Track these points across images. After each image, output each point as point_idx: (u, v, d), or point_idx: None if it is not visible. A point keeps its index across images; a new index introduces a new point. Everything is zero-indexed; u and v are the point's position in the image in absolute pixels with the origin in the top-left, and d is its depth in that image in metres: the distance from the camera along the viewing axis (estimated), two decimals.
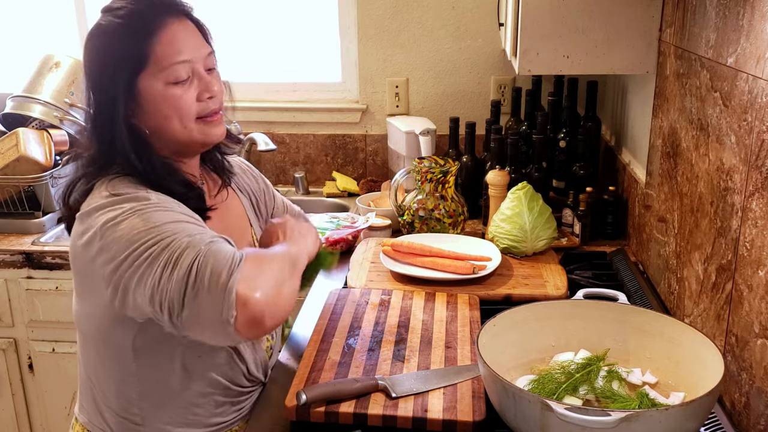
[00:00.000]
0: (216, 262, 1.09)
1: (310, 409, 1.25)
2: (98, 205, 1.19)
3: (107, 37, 1.23)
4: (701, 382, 1.13)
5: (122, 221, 1.15)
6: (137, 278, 1.12)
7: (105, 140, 1.25)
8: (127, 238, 1.13)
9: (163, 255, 1.11)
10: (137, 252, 1.12)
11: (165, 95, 1.23)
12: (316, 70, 2.85)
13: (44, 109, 2.57)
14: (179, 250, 1.11)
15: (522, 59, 1.90)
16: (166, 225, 1.15)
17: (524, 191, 1.95)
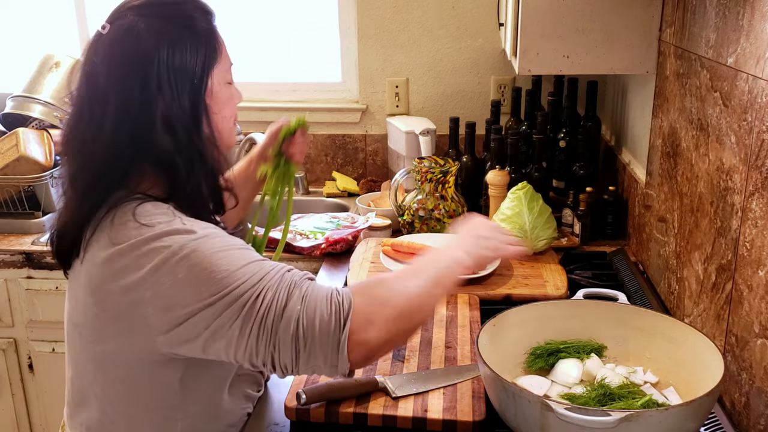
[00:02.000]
0: (321, 313, 1.03)
1: (310, 409, 1.26)
2: (135, 242, 1.06)
3: (175, 23, 1.11)
4: (701, 382, 1.13)
5: (180, 263, 1.03)
6: (226, 333, 1.03)
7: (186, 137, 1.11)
8: (196, 286, 1.03)
9: (255, 309, 1.02)
10: (218, 304, 1.02)
11: (225, 94, 1.19)
12: (316, 70, 2.85)
13: (44, 109, 2.57)
14: (270, 314, 1.02)
15: (522, 59, 1.90)
16: (242, 267, 1.04)
17: (524, 191, 1.95)
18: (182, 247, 1.04)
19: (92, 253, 1.10)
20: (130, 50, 1.09)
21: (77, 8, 2.85)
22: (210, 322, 1.03)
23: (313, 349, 1.03)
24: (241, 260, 1.06)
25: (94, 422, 1.20)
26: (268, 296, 1.03)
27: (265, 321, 1.02)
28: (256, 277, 1.04)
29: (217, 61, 1.16)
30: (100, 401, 1.18)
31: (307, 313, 1.03)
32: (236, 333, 1.03)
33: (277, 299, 1.03)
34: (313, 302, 1.04)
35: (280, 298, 1.03)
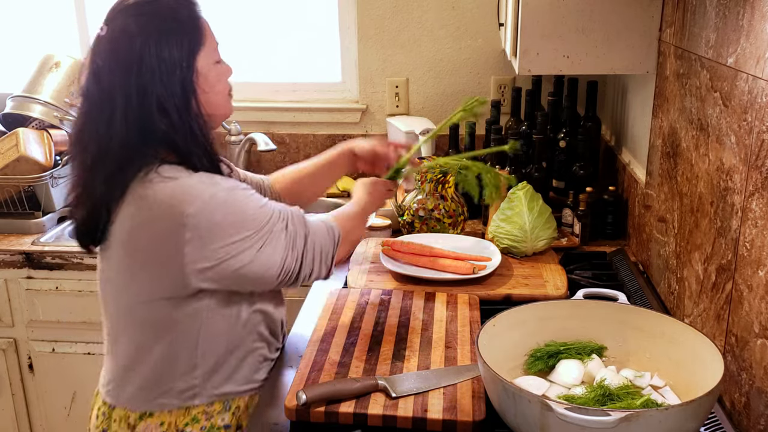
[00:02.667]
0: (323, 238, 1.43)
1: (310, 409, 1.26)
2: (162, 195, 1.26)
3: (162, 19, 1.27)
4: (701, 382, 1.13)
5: (214, 208, 1.26)
6: (255, 254, 1.31)
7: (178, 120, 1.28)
8: (232, 224, 1.28)
9: (281, 234, 1.34)
10: (256, 235, 1.30)
11: (218, 71, 1.36)
12: (316, 70, 2.85)
13: (44, 109, 2.57)
14: (290, 228, 1.36)
15: (522, 59, 1.90)
16: (260, 208, 1.33)
17: (524, 191, 1.95)
18: (212, 196, 1.26)
19: (122, 212, 1.29)
20: (126, 49, 1.26)
21: (77, 8, 2.85)
22: (251, 245, 1.30)
23: (322, 257, 1.42)
24: (261, 200, 1.34)
25: (129, 360, 1.40)
26: (290, 227, 1.36)
27: (295, 242, 1.37)
28: (277, 210, 1.35)
29: (202, 45, 1.32)
30: (131, 342, 1.39)
31: (318, 238, 1.41)
32: (272, 248, 1.33)
33: (296, 228, 1.38)
34: (320, 232, 1.43)
35: (298, 228, 1.38)
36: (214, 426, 1.41)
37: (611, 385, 1.21)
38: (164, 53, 1.26)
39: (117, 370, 1.42)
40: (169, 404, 1.39)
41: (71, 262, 2.28)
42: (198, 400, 1.40)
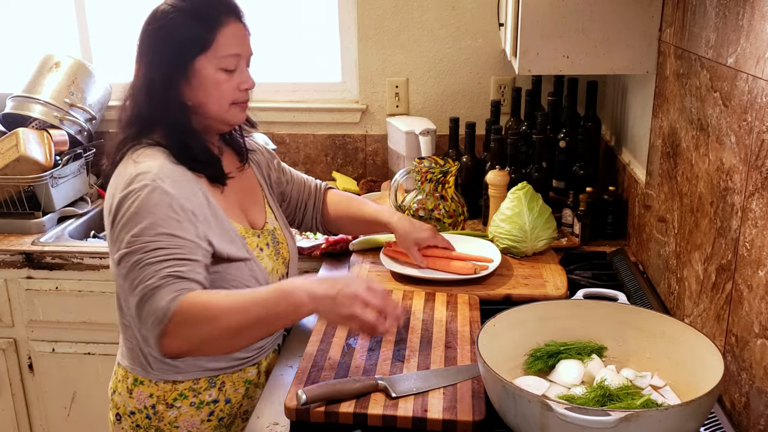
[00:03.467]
0: (148, 312, 1.26)
1: (310, 409, 1.26)
2: (118, 176, 1.39)
3: (177, 17, 1.41)
4: (701, 382, 1.13)
5: (125, 214, 1.33)
6: (121, 276, 1.33)
7: (154, 106, 1.42)
8: (120, 235, 1.33)
9: (129, 276, 1.30)
10: (122, 255, 1.32)
11: (215, 78, 1.43)
12: (316, 70, 2.85)
13: (44, 109, 2.57)
14: (136, 281, 1.28)
15: (522, 59, 1.90)
16: (147, 234, 1.31)
17: (524, 191, 1.95)
18: (139, 195, 1.33)
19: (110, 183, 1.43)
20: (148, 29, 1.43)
21: (77, 8, 2.85)
22: (116, 252, 1.33)
23: (143, 323, 1.28)
24: (161, 227, 1.31)
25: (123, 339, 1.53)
26: (146, 270, 1.28)
27: (133, 282, 1.29)
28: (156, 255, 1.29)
29: (208, 48, 1.41)
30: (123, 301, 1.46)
31: (149, 301, 1.26)
32: (122, 272, 1.32)
33: (148, 275, 1.28)
34: (155, 298, 1.26)
35: (149, 275, 1.28)
36: (203, 402, 1.50)
37: (611, 385, 1.21)
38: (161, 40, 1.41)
39: (120, 329, 1.53)
40: (152, 375, 1.48)
41: (71, 262, 2.28)
42: (182, 376, 1.48)
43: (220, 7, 1.44)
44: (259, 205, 1.63)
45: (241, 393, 1.54)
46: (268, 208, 1.66)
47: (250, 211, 1.59)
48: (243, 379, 1.54)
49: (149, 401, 1.49)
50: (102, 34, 2.89)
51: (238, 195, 1.56)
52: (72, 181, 2.56)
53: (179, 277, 1.28)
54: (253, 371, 1.56)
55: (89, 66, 2.69)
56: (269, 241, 1.58)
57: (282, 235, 1.65)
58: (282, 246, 1.63)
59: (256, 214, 1.60)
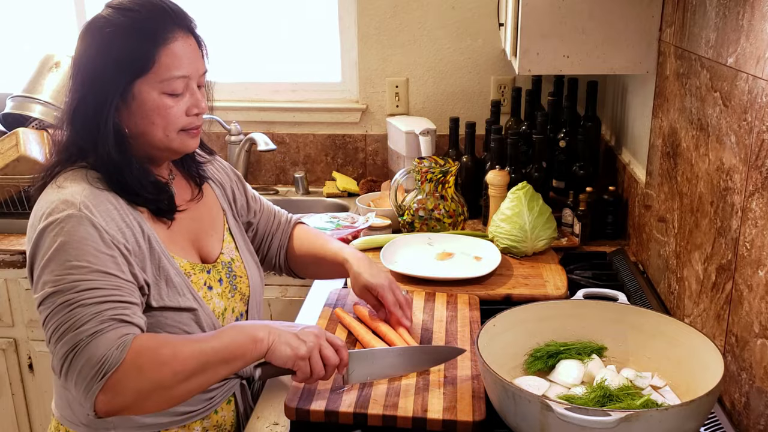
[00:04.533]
0: (87, 361, 1.11)
1: (310, 409, 1.26)
2: (44, 210, 1.21)
3: (113, 34, 1.23)
4: (701, 382, 1.13)
5: (50, 247, 1.17)
6: (41, 320, 1.17)
7: (86, 132, 1.25)
8: (42, 271, 1.16)
9: (55, 319, 1.14)
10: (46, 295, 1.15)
11: (157, 104, 1.25)
12: (315, 70, 2.85)
13: (44, 109, 2.57)
14: (66, 325, 1.13)
15: (522, 59, 1.90)
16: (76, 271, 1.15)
17: (524, 191, 1.95)
18: (68, 217, 1.17)
19: None
20: (78, 39, 1.27)
21: (77, 8, 2.85)
22: (39, 292, 1.17)
23: (71, 376, 1.12)
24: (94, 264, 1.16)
25: (55, 388, 1.37)
26: (73, 321, 1.12)
27: (59, 327, 1.13)
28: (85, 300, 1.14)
29: (149, 70, 1.23)
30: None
31: (80, 353, 1.11)
32: (44, 315, 1.16)
33: (82, 319, 1.12)
34: (89, 351, 1.11)
35: (84, 319, 1.12)
36: None
37: (611, 385, 1.21)
38: (103, 62, 1.23)
39: (53, 379, 1.37)
40: (83, 429, 1.32)
41: None
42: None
43: (165, 20, 1.25)
44: (217, 235, 1.44)
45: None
46: (229, 236, 1.47)
47: (202, 241, 1.40)
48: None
49: None
50: None
51: (190, 224, 1.38)
52: None
53: (122, 321, 1.14)
54: (198, 428, 1.36)
55: None
56: (222, 276, 1.39)
57: (241, 268, 1.45)
58: (240, 281, 1.43)
59: (211, 245, 1.41)
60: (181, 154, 1.35)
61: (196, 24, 1.31)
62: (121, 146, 1.26)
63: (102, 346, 1.11)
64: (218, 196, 1.50)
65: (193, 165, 1.46)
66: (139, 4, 1.26)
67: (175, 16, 1.27)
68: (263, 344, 1.20)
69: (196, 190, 1.44)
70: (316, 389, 1.30)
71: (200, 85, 1.32)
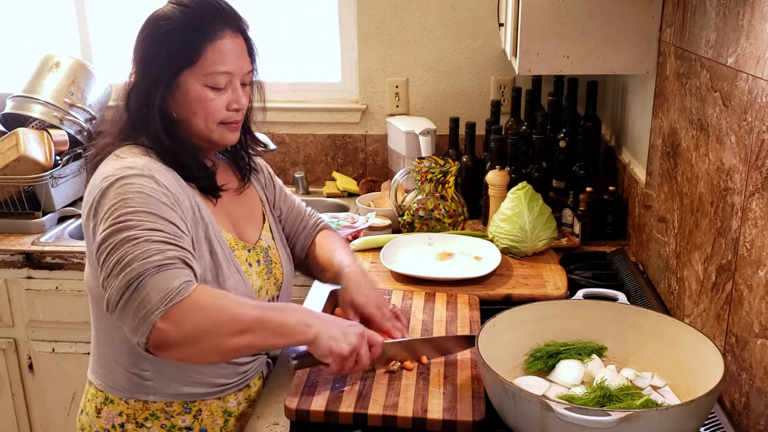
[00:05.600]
0: (154, 288, 1.15)
1: (310, 409, 1.26)
2: (100, 173, 1.29)
3: (167, 26, 1.32)
4: (701, 382, 1.13)
5: (117, 197, 1.23)
6: (100, 260, 1.20)
7: (138, 113, 1.35)
8: (107, 215, 1.22)
9: (118, 252, 1.17)
10: (108, 232, 1.20)
11: (200, 95, 1.34)
12: (315, 70, 2.85)
13: (44, 109, 2.57)
14: (131, 256, 1.17)
15: (522, 59, 1.90)
16: (142, 214, 1.21)
17: (524, 191, 1.95)
18: (132, 174, 1.26)
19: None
20: (145, 32, 1.35)
21: (77, 8, 2.85)
22: (100, 234, 1.21)
23: (131, 304, 1.15)
24: (158, 210, 1.23)
25: (95, 354, 1.44)
26: (137, 253, 1.17)
27: (124, 257, 1.17)
28: (150, 237, 1.19)
29: (195, 63, 1.32)
30: (96, 330, 1.43)
31: (146, 282, 1.15)
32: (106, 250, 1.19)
33: (149, 251, 1.17)
34: (156, 281, 1.15)
35: (150, 252, 1.17)
36: (175, 426, 1.39)
37: (611, 385, 1.21)
38: (152, 48, 1.33)
39: (92, 346, 1.46)
40: (123, 393, 1.39)
41: (71, 262, 2.28)
42: (153, 397, 1.38)
43: (217, 18, 1.33)
44: (256, 223, 1.53)
45: (219, 425, 1.42)
46: (267, 226, 1.55)
47: (242, 227, 1.48)
48: (222, 409, 1.42)
49: (118, 420, 1.39)
50: (102, 34, 2.89)
51: (232, 210, 1.47)
52: (72, 181, 2.56)
53: (186, 263, 1.20)
54: (233, 401, 1.43)
55: (89, 66, 2.69)
56: (260, 258, 1.47)
57: (277, 256, 1.52)
58: (275, 266, 1.51)
59: (249, 231, 1.49)
60: (222, 146, 1.45)
61: (248, 25, 1.40)
62: (169, 130, 1.35)
63: (170, 277, 1.16)
64: (257, 190, 1.59)
65: (242, 157, 1.54)
66: (195, 1, 1.34)
67: (226, 15, 1.35)
68: (311, 332, 1.24)
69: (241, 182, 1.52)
70: (316, 390, 1.30)
71: (244, 83, 1.40)
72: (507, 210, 1.95)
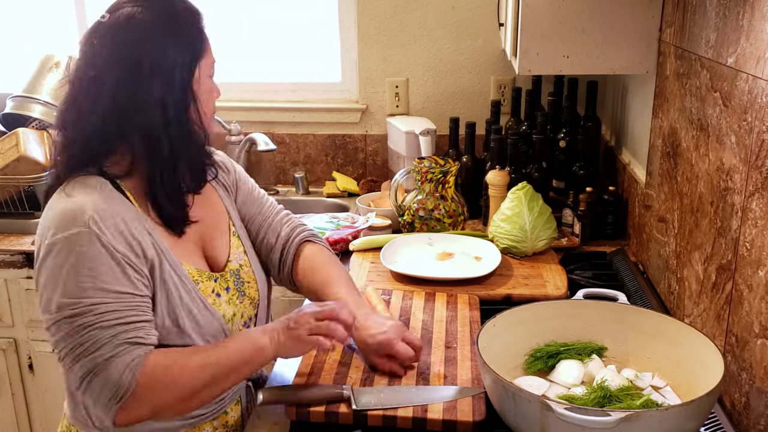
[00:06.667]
0: (103, 386, 1.15)
1: (310, 409, 1.26)
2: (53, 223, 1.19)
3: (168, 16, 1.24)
4: (701, 382, 1.13)
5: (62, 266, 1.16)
6: (53, 335, 1.18)
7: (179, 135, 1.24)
8: (55, 286, 1.16)
9: (71, 339, 1.15)
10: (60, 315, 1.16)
11: (209, 86, 1.30)
12: (316, 70, 2.85)
13: (44, 109, 2.57)
14: (82, 349, 1.15)
15: (522, 59, 1.90)
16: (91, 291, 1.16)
17: (524, 191, 1.95)
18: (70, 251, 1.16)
19: None
20: (128, 35, 1.21)
21: (77, 8, 2.85)
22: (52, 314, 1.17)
23: (89, 397, 1.16)
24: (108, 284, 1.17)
25: (68, 396, 1.33)
26: (90, 344, 1.15)
27: (75, 348, 1.15)
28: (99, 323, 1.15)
29: (204, 55, 1.27)
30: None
31: (97, 376, 1.15)
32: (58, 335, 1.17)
33: (98, 342, 1.15)
34: (105, 375, 1.14)
35: (100, 342, 1.15)
36: None
37: (611, 385, 1.21)
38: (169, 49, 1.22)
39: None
40: (95, 430, 1.27)
41: None
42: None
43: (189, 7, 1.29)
44: (223, 237, 1.42)
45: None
46: (235, 239, 1.44)
47: (209, 245, 1.39)
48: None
49: None
50: None
51: (196, 228, 1.35)
52: None
53: (136, 344, 1.17)
54: (209, 429, 1.37)
55: None
56: (230, 283, 1.38)
57: (250, 273, 1.44)
58: (249, 286, 1.42)
59: (218, 250, 1.40)
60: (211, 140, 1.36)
61: None
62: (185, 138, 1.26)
63: (117, 370, 1.14)
64: (222, 197, 1.47)
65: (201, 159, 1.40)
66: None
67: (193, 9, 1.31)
68: (268, 350, 1.25)
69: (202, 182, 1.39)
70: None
71: None
72: (507, 210, 1.95)
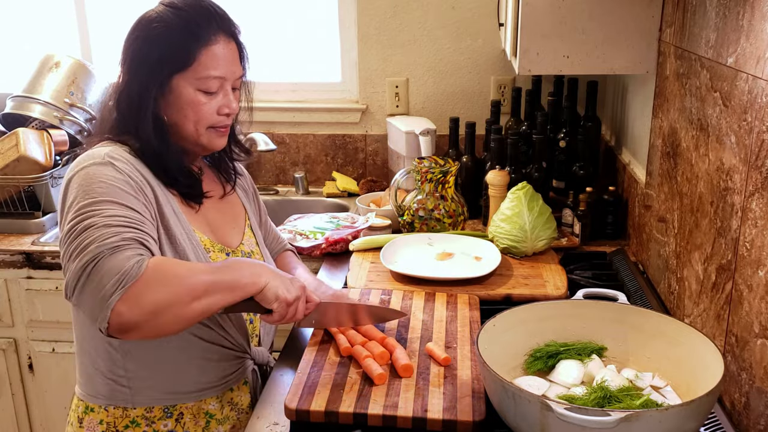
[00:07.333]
0: (108, 271, 1.15)
1: (310, 409, 1.26)
2: (74, 164, 1.31)
3: (160, 29, 1.33)
4: (701, 382, 1.13)
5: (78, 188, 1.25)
6: (63, 250, 1.22)
7: (129, 115, 1.35)
8: (70, 209, 1.23)
9: (78, 239, 1.18)
10: (71, 224, 1.21)
11: (192, 99, 1.35)
12: (316, 70, 2.85)
13: (44, 109, 2.57)
14: (88, 240, 1.17)
15: (522, 59, 1.90)
16: (103, 203, 1.22)
17: (524, 191, 1.95)
18: (94, 163, 1.27)
19: None
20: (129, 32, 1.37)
21: (77, 8, 2.85)
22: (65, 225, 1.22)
23: (88, 288, 1.16)
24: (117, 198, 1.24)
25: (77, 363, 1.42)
26: (94, 237, 1.17)
27: (81, 243, 1.18)
28: (106, 221, 1.20)
29: (189, 67, 1.33)
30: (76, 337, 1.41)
31: (102, 263, 1.15)
32: (66, 241, 1.21)
33: (104, 235, 1.18)
34: (111, 261, 1.15)
35: (106, 235, 1.18)
36: (157, 431, 1.39)
37: (611, 385, 1.21)
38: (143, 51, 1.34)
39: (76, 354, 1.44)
40: (102, 401, 1.38)
41: None
42: (132, 404, 1.37)
43: (210, 23, 1.35)
44: (238, 228, 1.53)
45: (201, 426, 1.42)
46: (249, 231, 1.56)
47: (222, 231, 1.48)
48: (203, 411, 1.42)
49: (99, 428, 1.38)
50: (102, 34, 2.89)
51: (213, 216, 1.47)
52: None
53: (142, 244, 1.21)
54: (215, 404, 1.43)
55: (89, 66, 2.69)
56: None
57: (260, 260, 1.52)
58: None
59: (230, 236, 1.50)
60: (209, 151, 1.45)
61: (239, 30, 1.42)
62: (160, 132, 1.36)
63: (123, 259, 1.16)
64: (241, 197, 1.60)
65: (226, 163, 1.56)
66: (188, 4, 1.36)
67: (220, 20, 1.37)
68: (262, 282, 1.26)
69: (226, 187, 1.55)
70: (316, 389, 1.30)
71: (235, 87, 1.42)
72: (507, 210, 1.95)
